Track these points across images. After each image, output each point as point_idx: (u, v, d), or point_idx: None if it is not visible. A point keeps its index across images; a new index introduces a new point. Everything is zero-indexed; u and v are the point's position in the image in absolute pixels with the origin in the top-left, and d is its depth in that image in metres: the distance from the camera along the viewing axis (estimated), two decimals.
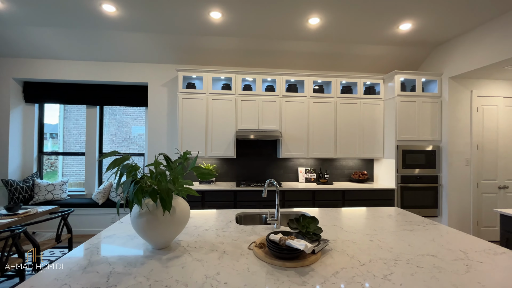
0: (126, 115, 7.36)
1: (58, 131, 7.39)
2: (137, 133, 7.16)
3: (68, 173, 6.92)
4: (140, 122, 7.61)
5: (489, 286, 1.02)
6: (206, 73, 3.63)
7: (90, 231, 3.73)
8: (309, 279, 1.07)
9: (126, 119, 7.37)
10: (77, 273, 1.09)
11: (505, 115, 3.74)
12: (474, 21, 3.05)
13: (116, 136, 7.33)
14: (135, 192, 1.22)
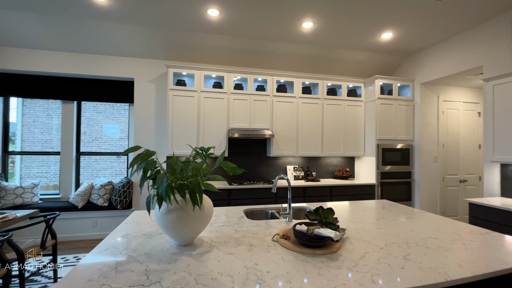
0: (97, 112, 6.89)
1: (16, 128, 6.66)
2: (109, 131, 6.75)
3: (28, 175, 6.26)
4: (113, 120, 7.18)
5: (486, 259, 1.20)
6: (197, 70, 3.57)
7: (71, 237, 3.44)
8: (341, 263, 1.16)
9: (97, 117, 6.91)
10: (109, 273, 1.04)
11: (465, 118, 4.29)
12: (443, 35, 3.46)
13: (86, 135, 6.82)
14: (166, 187, 1.20)
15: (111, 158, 4.45)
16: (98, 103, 5.05)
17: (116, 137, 4.60)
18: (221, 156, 1.34)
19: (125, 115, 4.42)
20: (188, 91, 3.54)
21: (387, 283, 0.99)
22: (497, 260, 1.20)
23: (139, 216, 1.90)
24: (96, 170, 4.31)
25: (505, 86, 2.66)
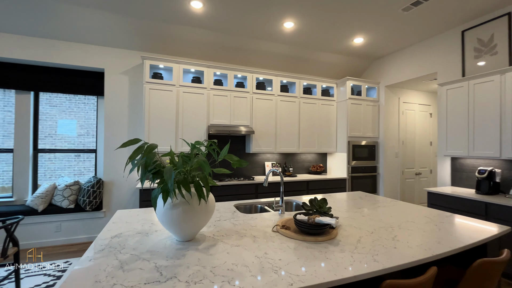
0: (51, 106, 6.20)
1: None
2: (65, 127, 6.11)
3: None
4: (71, 114, 6.52)
5: (457, 236, 1.41)
6: (176, 64, 3.44)
7: (31, 244, 3.05)
8: (343, 247, 1.25)
9: (51, 111, 6.20)
10: (117, 272, 0.99)
11: (420, 118, 4.84)
12: (405, 43, 3.86)
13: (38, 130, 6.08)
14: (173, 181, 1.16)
15: (69, 157, 4.04)
16: (53, 95, 4.49)
17: (74, 134, 4.13)
18: (225, 149, 1.34)
19: (85, 109, 4.01)
20: (166, 85, 3.39)
21: (387, 260, 1.11)
22: (464, 236, 1.42)
23: (125, 215, 1.79)
24: (50, 170, 3.87)
25: (456, 90, 3.09)
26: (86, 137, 3.89)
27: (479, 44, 3.10)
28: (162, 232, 1.45)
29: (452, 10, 2.93)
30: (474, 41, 3.14)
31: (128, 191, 3.50)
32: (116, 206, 3.42)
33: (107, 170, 3.41)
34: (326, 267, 1.04)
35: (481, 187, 2.80)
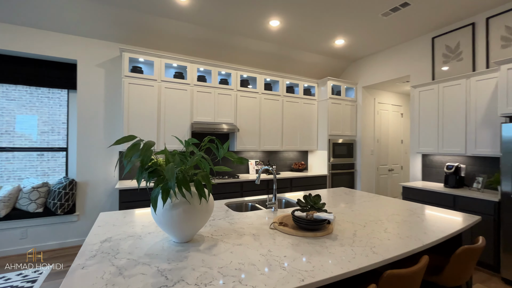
0: (8, 100, 5.60)
1: None
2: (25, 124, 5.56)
3: None
4: (32, 109, 5.94)
5: (439, 226, 1.53)
6: (158, 58, 3.28)
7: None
8: (341, 241, 1.30)
9: (9, 105, 5.59)
10: (117, 279, 0.92)
11: (392, 118, 5.17)
12: (382, 46, 4.08)
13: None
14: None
15: (30, 156, 3.68)
16: (10, 88, 4.02)
17: (35, 131, 3.74)
18: (226, 145, 1.30)
19: (49, 104, 3.65)
20: (147, 80, 3.22)
21: (385, 252, 1.17)
22: (446, 226, 1.54)
23: (110, 218, 1.67)
24: (8, 171, 3.49)
25: (428, 92, 3.34)
26: (50, 135, 3.54)
27: (447, 51, 3.38)
28: (156, 234, 1.38)
29: (425, 18, 3.16)
30: (443, 47, 3.42)
31: (105, 192, 3.27)
32: (91, 209, 3.19)
33: (81, 170, 3.16)
34: (332, 262, 1.07)
35: (449, 181, 3.07)
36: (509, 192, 2.33)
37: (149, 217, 1.68)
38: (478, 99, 2.83)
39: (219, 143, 1.25)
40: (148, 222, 1.58)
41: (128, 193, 2.86)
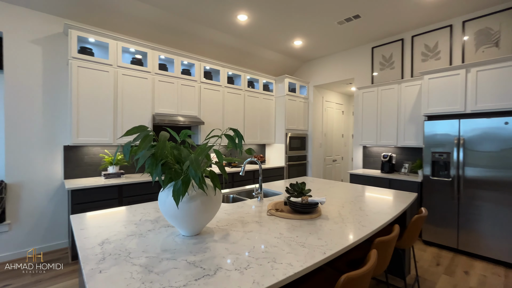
0: None
1: None
2: None
3: None
4: None
5: (396, 202, 1.92)
6: (114, 40, 2.91)
7: None
8: (333, 220, 1.50)
9: None
10: (150, 277, 0.88)
11: (336, 115, 5.87)
12: (332, 50, 4.58)
13: None
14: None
15: None
16: None
17: None
18: (239, 140, 1.32)
19: None
20: (101, 64, 2.82)
21: (370, 224, 1.42)
22: (400, 201, 1.94)
23: (89, 220, 1.48)
24: None
25: (369, 93, 3.95)
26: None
27: (382, 59, 4.05)
28: (158, 230, 1.32)
29: (368, 30, 3.71)
30: (380, 56, 4.08)
31: (46, 195, 2.76)
32: (27, 216, 2.64)
33: (12, 169, 2.57)
34: (336, 236, 1.25)
35: (384, 168, 3.74)
36: (428, 175, 3.02)
37: (136, 215, 1.56)
38: (406, 101, 3.52)
39: (239, 133, 1.27)
40: (140, 220, 1.47)
41: (83, 193, 2.50)
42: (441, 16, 3.28)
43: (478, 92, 2.74)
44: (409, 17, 3.31)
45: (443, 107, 3.00)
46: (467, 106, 2.82)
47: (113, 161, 1.67)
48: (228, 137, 1.28)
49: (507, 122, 2.50)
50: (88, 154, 3.01)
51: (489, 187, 2.61)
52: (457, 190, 2.81)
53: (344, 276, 0.94)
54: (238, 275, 0.89)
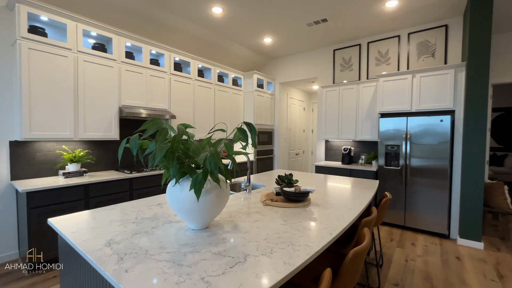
0: None
1: None
2: None
3: None
4: None
5: (367, 188, 2.21)
6: (73, 21, 2.56)
7: None
8: (323, 206, 1.67)
9: None
10: (184, 270, 0.89)
11: (298, 111, 6.22)
12: (298, 49, 4.83)
13: None
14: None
15: None
16: None
17: None
18: (254, 133, 1.33)
19: None
20: (58, 48, 2.46)
21: (355, 207, 1.63)
22: (369, 187, 2.24)
23: (75, 223, 1.34)
24: None
25: (332, 92, 4.32)
26: None
27: (343, 61, 4.46)
28: (163, 226, 1.28)
29: (332, 34, 4.03)
30: (340, 58, 4.49)
31: None
32: None
33: None
34: (334, 219, 1.41)
35: (344, 160, 4.17)
36: (382, 165, 3.50)
37: (128, 214, 1.47)
38: (363, 100, 3.97)
39: (253, 128, 1.30)
40: (136, 219, 1.40)
41: (42, 195, 2.18)
42: (392, 27, 3.77)
43: (421, 94, 3.28)
44: (367, 25, 3.72)
45: (394, 106, 3.49)
46: (413, 105, 3.35)
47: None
48: (242, 131, 1.31)
49: (442, 120, 3.07)
50: (41, 150, 2.62)
51: (427, 174, 3.17)
52: (404, 177, 3.34)
53: (352, 251, 1.09)
54: (267, 259, 0.96)
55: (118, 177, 2.71)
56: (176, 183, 1.17)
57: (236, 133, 1.39)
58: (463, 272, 2.34)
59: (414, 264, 2.48)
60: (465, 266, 2.45)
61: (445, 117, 3.05)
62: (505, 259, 2.58)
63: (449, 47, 3.50)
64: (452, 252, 2.73)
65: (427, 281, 2.19)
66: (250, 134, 1.28)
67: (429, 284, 2.15)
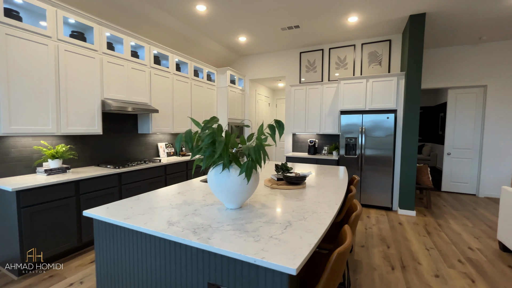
0: None
1: None
2: None
3: None
4: None
5: (343, 172, 2.74)
6: (51, 6, 2.37)
7: None
8: (318, 187, 2.09)
9: None
10: (249, 234, 1.17)
11: (264, 107, 6.64)
12: (268, 49, 5.18)
13: None
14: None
15: None
16: None
17: None
18: (281, 128, 1.62)
19: None
20: (37, 35, 2.27)
21: (341, 186, 2.10)
22: (342, 172, 2.77)
23: (115, 212, 1.45)
24: None
25: (299, 90, 4.83)
26: None
27: (308, 64, 5.01)
28: (203, 209, 1.50)
29: (300, 38, 4.51)
30: (306, 61, 5.02)
31: None
32: None
33: None
34: (331, 195, 1.84)
35: (310, 151, 4.77)
36: (343, 154, 4.17)
37: (159, 202, 1.62)
38: (326, 98, 4.59)
39: (282, 125, 1.58)
40: (171, 205, 1.57)
41: (32, 193, 2.06)
42: (350, 37, 4.44)
43: (373, 96, 4.02)
44: (331, 34, 4.30)
45: (352, 105, 4.18)
46: (367, 105, 4.08)
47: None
48: (271, 127, 1.59)
49: (388, 117, 3.85)
50: (16, 146, 2.39)
51: (376, 161, 3.95)
52: (360, 164, 4.07)
53: (336, 252, 1.03)
54: (305, 222, 1.30)
55: (107, 173, 2.66)
56: (223, 169, 1.40)
57: (268, 127, 1.68)
58: (405, 232, 3.11)
59: (372, 231, 3.16)
60: (405, 228, 3.24)
61: (390, 115, 3.84)
62: (430, 222, 3.49)
63: (392, 58, 4.33)
64: (395, 220, 3.54)
65: (383, 241, 2.87)
66: (278, 130, 1.57)
67: (384, 243, 2.82)
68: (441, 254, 2.59)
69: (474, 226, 3.32)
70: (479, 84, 4.72)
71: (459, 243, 2.83)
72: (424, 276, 2.20)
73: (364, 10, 3.44)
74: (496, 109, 4.67)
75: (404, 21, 3.77)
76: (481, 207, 4.18)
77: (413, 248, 2.72)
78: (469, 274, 2.23)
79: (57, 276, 2.11)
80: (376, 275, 2.22)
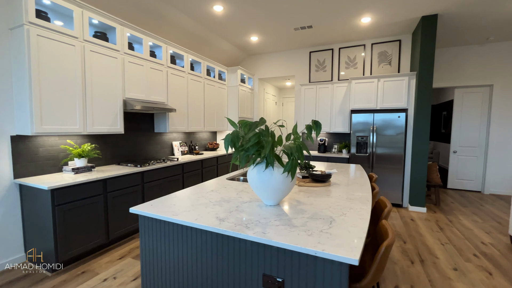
0: None
1: None
2: None
3: None
4: None
5: (361, 170, 2.81)
6: (78, 7, 2.40)
7: None
8: (344, 184, 2.17)
9: None
10: (296, 228, 1.24)
11: (271, 105, 6.69)
12: (278, 48, 5.23)
13: None
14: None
15: None
16: None
17: None
18: (319, 128, 1.68)
19: None
20: (66, 36, 2.30)
21: (365, 183, 2.17)
22: (361, 170, 2.84)
23: (160, 209, 1.51)
24: None
25: (309, 90, 4.90)
26: None
27: (317, 63, 5.07)
28: (243, 206, 1.57)
29: (311, 38, 4.56)
30: (316, 60, 5.08)
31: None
32: None
33: None
34: (358, 191, 1.91)
35: (320, 149, 4.84)
36: (354, 153, 4.25)
37: (199, 200, 1.69)
38: (337, 97, 4.66)
39: (319, 125, 1.64)
40: (210, 202, 1.63)
41: (66, 192, 2.11)
42: (360, 37, 4.51)
43: (384, 95, 4.10)
44: (342, 34, 4.36)
45: (363, 104, 4.25)
46: (378, 104, 4.15)
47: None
48: (308, 127, 1.65)
49: (399, 116, 3.93)
50: (44, 146, 2.44)
51: (387, 159, 4.03)
52: (371, 162, 4.15)
53: (384, 244, 1.14)
54: (346, 218, 1.37)
55: (131, 171, 2.71)
56: (267, 167, 1.46)
57: (305, 127, 1.74)
58: (418, 228, 3.21)
59: None
60: (418, 224, 3.33)
61: (401, 114, 3.92)
62: (441, 218, 3.59)
63: (402, 58, 4.41)
64: (407, 216, 3.63)
65: (398, 236, 2.96)
66: (315, 130, 1.64)
67: (400, 238, 2.91)
68: (456, 248, 2.69)
69: (484, 222, 3.43)
70: (486, 83, 4.82)
71: (471, 238, 2.93)
72: (443, 269, 2.29)
73: (378, 11, 3.50)
74: (501, 108, 4.77)
75: (415, 21, 3.84)
76: (488, 203, 4.29)
77: (428, 243, 2.81)
78: (485, 267, 2.33)
79: (89, 272, 2.17)
80: (397, 268, 2.31)
